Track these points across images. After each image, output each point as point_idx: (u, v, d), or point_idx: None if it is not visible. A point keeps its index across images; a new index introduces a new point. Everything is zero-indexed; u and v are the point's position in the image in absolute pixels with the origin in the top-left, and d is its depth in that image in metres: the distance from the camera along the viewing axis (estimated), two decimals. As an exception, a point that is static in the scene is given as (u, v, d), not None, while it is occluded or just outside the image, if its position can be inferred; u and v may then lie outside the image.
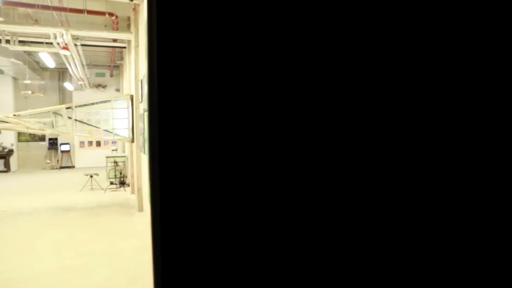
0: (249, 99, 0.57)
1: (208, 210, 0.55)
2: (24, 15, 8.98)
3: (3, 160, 15.12)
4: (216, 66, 0.55)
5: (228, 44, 0.55)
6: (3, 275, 4.31)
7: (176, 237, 0.52)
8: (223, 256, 0.56)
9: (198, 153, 0.54)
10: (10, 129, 8.06)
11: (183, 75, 0.50)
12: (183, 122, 0.50)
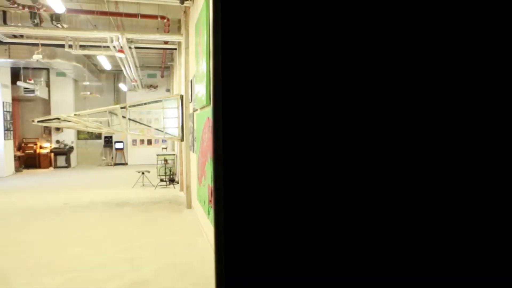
0: (312, 99, 0.57)
1: (271, 209, 0.56)
2: (84, 21, 9.56)
3: (64, 156, 16.20)
4: (280, 66, 0.55)
5: (293, 44, 0.55)
6: (63, 264, 4.61)
7: (240, 236, 0.53)
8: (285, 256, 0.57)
9: (261, 152, 0.54)
10: (71, 128, 8.61)
11: (247, 76, 0.51)
12: (246, 122, 0.51)
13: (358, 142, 0.62)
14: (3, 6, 8.29)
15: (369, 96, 0.62)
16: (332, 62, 0.59)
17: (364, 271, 0.63)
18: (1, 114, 13.12)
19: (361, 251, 0.63)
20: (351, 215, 0.64)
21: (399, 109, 0.67)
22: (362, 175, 0.63)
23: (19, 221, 6.83)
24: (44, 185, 11.20)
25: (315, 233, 0.59)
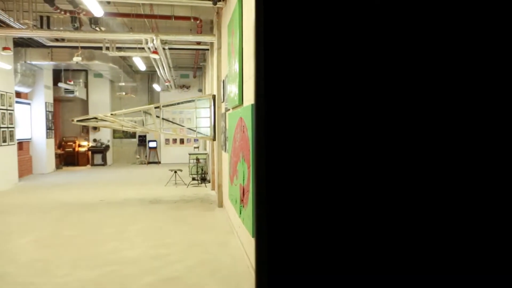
0: (356, 100, 0.57)
1: (313, 209, 0.56)
2: (121, 24, 9.86)
3: (101, 154, 16.78)
4: (321, 67, 0.55)
5: (335, 45, 0.55)
6: (100, 258, 4.78)
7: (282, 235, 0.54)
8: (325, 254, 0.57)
9: (304, 154, 0.54)
10: (107, 127, 8.90)
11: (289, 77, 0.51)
12: (288, 122, 0.52)
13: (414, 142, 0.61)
14: (48, 12, 8.69)
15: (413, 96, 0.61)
16: (374, 62, 0.58)
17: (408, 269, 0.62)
18: (44, 114, 13.76)
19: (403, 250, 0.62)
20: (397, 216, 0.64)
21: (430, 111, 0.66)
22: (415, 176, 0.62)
23: (59, 215, 7.14)
24: (82, 182, 11.65)
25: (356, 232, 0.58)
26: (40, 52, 11.93)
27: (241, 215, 4.45)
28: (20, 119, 12.36)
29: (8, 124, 10.85)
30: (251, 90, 4.04)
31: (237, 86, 4.72)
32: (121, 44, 10.43)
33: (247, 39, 4.30)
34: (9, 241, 5.55)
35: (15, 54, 11.12)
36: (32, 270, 4.40)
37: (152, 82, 17.50)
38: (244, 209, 4.14)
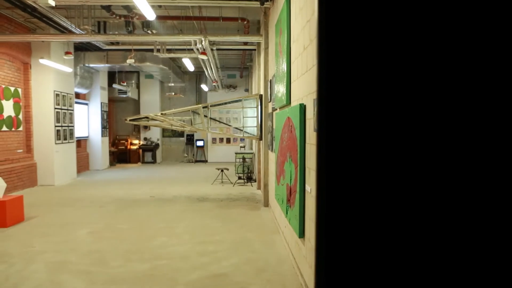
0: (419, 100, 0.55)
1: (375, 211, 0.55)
2: (171, 26, 10.20)
3: (151, 152, 17.45)
4: (386, 67, 0.54)
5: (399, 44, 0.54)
6: (150, 252, 4.98)
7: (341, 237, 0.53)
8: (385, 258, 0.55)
9: (365, 154, 0.54)
10: (157, 126, 9.22)
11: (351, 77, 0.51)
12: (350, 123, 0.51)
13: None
14: (104, 18, 9.18)
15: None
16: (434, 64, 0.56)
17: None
18: (99, 113, 14.55)
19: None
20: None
21: None
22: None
23: (113, 209, 7.52)
24: (133, 179, 12.18)
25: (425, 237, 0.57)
26: (97, 56, 12.64)
27: (287, 215, 4.44)
28: (79, 118, 13.16)
29: (68, 123, 11.59)
30: (299, 89, 4.03)
31: (285, 86, 4.72)
32: (171, 46, 10.78)
33: (295, 38, 4.29)
34: (70, 232, 5.93)
35: (75, 58, 11.86)
36: (89, 260, 4.67)
37: (200, 82, 17.93)
38: (291, 209, 4.14)
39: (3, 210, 6.24)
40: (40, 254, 4.91)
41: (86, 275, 4.20)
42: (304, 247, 3.71)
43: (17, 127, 9.94)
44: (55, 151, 10.71)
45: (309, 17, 3.44)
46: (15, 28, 9.54)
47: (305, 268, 3.70)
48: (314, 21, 3.18)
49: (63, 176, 11.10)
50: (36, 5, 6.87)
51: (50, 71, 10.50)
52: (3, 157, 9.18)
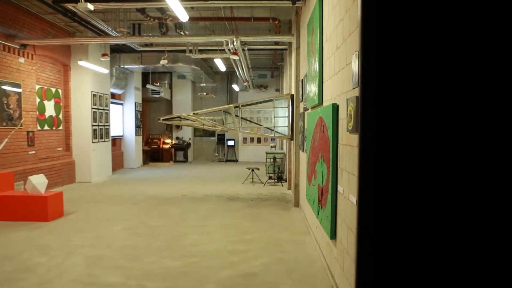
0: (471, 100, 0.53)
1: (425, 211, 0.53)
2: (203, 27, 10.33)
3: (183, 152, 17.76)
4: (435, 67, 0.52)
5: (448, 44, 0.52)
6: (182, 249, 5.06)
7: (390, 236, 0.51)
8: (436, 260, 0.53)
9: (415, 153, 0.52)
10: (189, 125, 9.37)
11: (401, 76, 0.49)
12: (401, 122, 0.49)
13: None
14: (139, 20, 9.43)
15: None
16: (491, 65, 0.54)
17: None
18: (134, 113, 14.96)
19: None
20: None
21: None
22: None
23: (146, 207, 7.71)
24: (165, 177, 12.44)
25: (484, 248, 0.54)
26: (132, 57, 13.00)
27: (318, 216, 4.40)
28: (114, 118, 13.58)
29: (104, 123, 11.99)
30: (331, 89, 3.98)
31: (317, 86, 4.68)
32: (203, 47, 10.92)
33: (327, 37, 4.24)
34: (105, 227, 6.14)
35: (111, 59, 12.24)
36: (124, 255, 4.81)
37: (231, 82, 18.07)
38: (322, 210, 4.09)
39: (45, 205, 6.53)
40: (78, 248, 5.11)
41: (121, 270, 4.33)
42: (336, 249, 3.66)
43: (57, 126, 10.38)
44: (92, 150, 11.11)
45: (342, 16, 3.40)
46: (57, 32, 9.97)
47: (336, 269, 3.65)
48: (348, 19, 3.13)
49: (99, 174, 11.49)
50: (76, 9, 7.15)
51: (87, 73, 10.90)
52: (44, 154, 9.62)
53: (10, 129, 8.10)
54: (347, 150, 3.17)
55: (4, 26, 8.07)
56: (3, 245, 5.25)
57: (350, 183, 3.05)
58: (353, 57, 2.90)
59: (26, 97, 8.77)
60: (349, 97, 3.06)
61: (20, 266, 4.47)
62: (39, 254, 4.85)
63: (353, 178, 2.95)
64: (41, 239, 5.51)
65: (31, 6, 8.67)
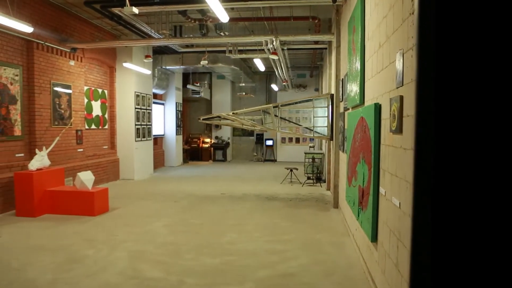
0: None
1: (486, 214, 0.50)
2: (242, 28, 10.42)
3: (222, 151, 18.00)
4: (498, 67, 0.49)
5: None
6: (221, 247, 5.13)
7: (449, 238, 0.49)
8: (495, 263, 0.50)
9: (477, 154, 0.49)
10: (229, 125, 9.48)
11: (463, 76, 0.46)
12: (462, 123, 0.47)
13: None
14: (180, 22, 9.67)
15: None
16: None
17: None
18: (174, 112, 15.35)
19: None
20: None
21: None
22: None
23: (186, 204, 7.88)
24: (205, 176, 12.66)
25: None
26: (173, 58, 13.35)
27: (359, 217, 4.31)
28: (156, 117, 14.00)
29: (146, 122, 12.39)
30: (373, 88, 3.89)
31: (358, 85, 4.58)
32: (242, 47, 11.01)
33: (369, 35, 4.14)
34: (148, 223, 6.34)
35: (153, 61, 12.63)
36: (165, 251, 4.95)
37: (270, 82, 18.10)
38: (363, 212, 4.00)
39: (92, 200, 6.85)
40: (122, 242, 5.31)
41: (162, 265, 4.46)
42: (377, 252, 3.57)
43: (103, 125, 10.86)
44: (135, 148, 11.52)
45: (385, 13, 3.30)
46: (104, 36, 10.43)
47: (377, 273, 3.56)
48: (392, 16, 3.04)
49: (141, 171, 11.90)
50: (121, 13, 7.44)
51: (131, 74, 11.32)
52: (91, 152, 10.09)
53: (61, 128, 8.56)
54: (390, 151, 3.08)
55: (57, 31, 8.55)
56: (55, 237, 5.56)
57: (393, 185, 2.96)
58: (397, 55, 2.81)
59: (76, 98, 9.23)
60: (392, 97, 2.97)
61: (70, 257, 4.71)
62: (87, 247, 5.10)
63: (396, 179, 2.87)
64: (89, 233, 5.79)
65: (81, 12, 9.12)
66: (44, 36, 8.11)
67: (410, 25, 2.50)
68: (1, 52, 7.14)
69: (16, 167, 7.26)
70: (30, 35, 7.53)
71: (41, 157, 7.06)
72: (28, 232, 5.86)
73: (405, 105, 2.66)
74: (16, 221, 6.47)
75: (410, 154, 2.52)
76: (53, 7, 8.39)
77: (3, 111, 7.14)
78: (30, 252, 4.89)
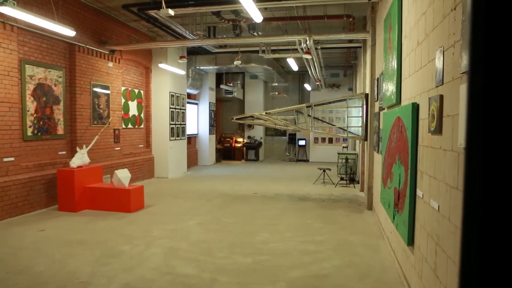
0: None
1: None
2: (275, 27, 10.41)
3: (254, 151, 18.07)
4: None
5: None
6: (253, 246, 5.15)
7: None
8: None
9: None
10: (261, 125, 9.50)
11: None
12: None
13: None
14: (214, 23, 9.79)
15: None
16: None
17: None
18: (208, 112, 15.57)
19: None
20: None
21: None
22: None
23: (219, 203, 7.97)
24: (237, 175, 12.76)
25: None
26: (207, 58, 13.54)
27: (394, 220, 4.20)
28: (189, 117, 14.25)
29: (181, 122, 12.64)
30: (411, 88, 3.77)
31: (395, 84, 4.47)
32: (275, 47, 11.00)
33: (407, 33, 4.03)
34: (182, 221, 6.47)
35: (188, 61, 12.87)
36: (198, 249, 5.03)
37: (303, 82, 17.99)
38: (399, 214, 3.90)
39: (128, 197, 7.07)
40: (156, 239, 5.45)
41: (196, 263, 4.53)
42: (413, 256, 3.47)
43: (139, 124, 11.17)
44: (169, 147, 11.78)
45: (424, 9, 3.20)
46: (140, 38, 10.74)
47: (413, 278, 3.46)
48: (431, 13, 2.94)
49: (175, 170, 12.15)
50: (157, 15, 7.63)
51: (166, 74, 11.58)
52: (128, 151, 10.41)
53: (99, 127, 8.89)
54: (429, 152, 2.98)
55: (97, 34, 8.89)
56: (94, 232, 5.78)
57: (432, 187, 2.86)
58: (437, 53, 2.71)
59: (113, 98, 9.56)
60: (431, 96, 2.87)
61: (107, 251, 4.89)
62: (123, 242, 5.26)
63: (435, 182, 2.77)
64: (125, 229, 5.97)
65: (119, 15, 9.43)
66: (85, 39, 8.45)
67: (452, 21, 2.40)
68: (47, 56, 7.50)
69: (59, 164, 7.61)
70: (72, 39, 7.87)
71: (82, 155, 7.36)
72: (69, 226, 6.13)
73: (445, 105, 2.56)
74: (59, 216, 6.78)
75: (450, 156, 2.43)
76: (93, 11, 8.73)
77: (48, 111, 7.50)
78: (72, 246, 5.11)
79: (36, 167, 7.13)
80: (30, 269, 4.30)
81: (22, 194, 6.74)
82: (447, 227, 2.45)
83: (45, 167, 7.31)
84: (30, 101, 7.10)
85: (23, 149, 6.95)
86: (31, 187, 6.93)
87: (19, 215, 6.67)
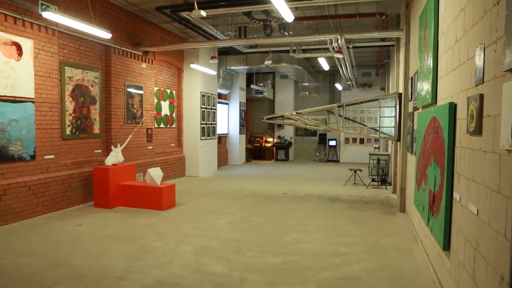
0: None
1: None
2: (306, 27, 10.33)
3: (284, 151, 18.01)
4: None
5: None
6: (283, 246, 5.13)
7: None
8: None
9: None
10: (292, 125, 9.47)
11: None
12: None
13: None
14: (244, 23, 9.84)
15: None
16: None
17: None
18: (238, 112, 15.66)
19: None
20: None
21: None
22: None
23: (249, 202, 8.00)
24: (267, 175, 12.76)
25: None
26: (237, 58, 13.62)
27: (429, 223, 4.07)
28: (220, 116, 14.38)
29: (211, 121, 12.78)
30: (447, 87, 3.64)
31: (430, 83, 4.33)
32: (306, 46, 10.92)
33: (444, 30, 3.89)
34: (212, 220, 6.54)
35: (218, 61, 12.99)
36: (228, 247, 5.07)
37: (333, 81, 17.78)
38: (434, 217, 3.78)
39: (160, 195, 7.23)
40: (187, 237, 5.54)
41: (226, 261, 4.57)
42: (449, 261, 3.35)
43: (171, 124, 11.40)
44: (200, 146, 11.94)
45: (464, 5, 3.08)
46: (172, 39, 10.95)
47: (449, 284, 3.34)
48: (471, 8, 2.83)
49: (206, 169, 12.30)
50: (189, 17, 7.75)
51: (198, 74, 11.75)
52: (160, 150, 10.64)
53: (133, 126, 9.14)
54: (467, 153, 2.87)
55: (132, 36, 9.14)
56: (127, 229, 5.95)
57: (470, 190, 2.75)
58: (477, 50, 2.61)
59: (146, 98, 9.79)
60: (470, 95, 2.76)
61: (141, 248, 5.01)
62: (156, 239, 5.39)
63: (473, 185, 2.66)
64: (157, 226, 6.11)
65: (152, 17, 9.66)
66: (120, 41, 8.71)
67: (494, 16, 2.30)
68: (85, 58, 7.79)
69: (95, 162, 7.89)
70: (108, 41, 8.13)
71: (116, 153, 7.59)
72: (104, 222, 6.34)
73: (485, 104, 2.46)
74: (94, 212, 7.02)
75: (491, 158, 2.33)
76: (128, 14, 8.98)
77: (85, 111, 7.79)
78: (107, 241, 5.28)
79: (74, 165, 7.42)
80: (68, 262, 4.48)
81: (61, 190, 7.03)
82: (487, 232, 2.35)
83: (82, 164, 7.60)
84: (69, 101, 7.40)
85: (62, 147, 7.25)
86: (69, 183, 7.22)
87: (58, 210, 6.97)
